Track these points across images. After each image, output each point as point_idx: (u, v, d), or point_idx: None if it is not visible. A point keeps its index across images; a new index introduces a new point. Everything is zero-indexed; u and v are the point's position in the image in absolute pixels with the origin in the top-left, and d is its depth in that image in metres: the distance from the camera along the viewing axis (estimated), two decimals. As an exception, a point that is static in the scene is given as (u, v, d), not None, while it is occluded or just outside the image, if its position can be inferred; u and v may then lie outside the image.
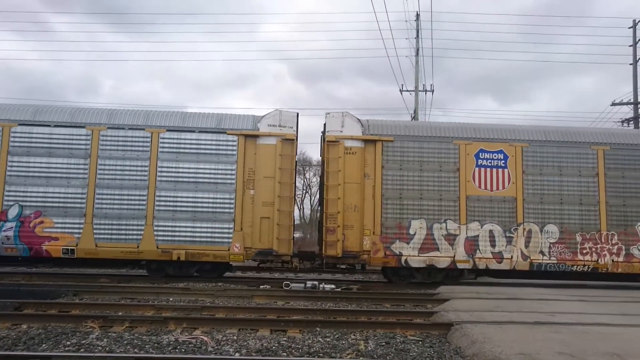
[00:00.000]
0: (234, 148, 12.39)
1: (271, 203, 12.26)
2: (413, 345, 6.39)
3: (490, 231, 12.44)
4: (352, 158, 12.50)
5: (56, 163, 12.13)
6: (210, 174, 12.29)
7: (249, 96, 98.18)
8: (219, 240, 12.15)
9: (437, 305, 9.29)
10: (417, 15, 26.04)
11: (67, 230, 12.02)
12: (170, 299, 9.86)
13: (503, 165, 12.65)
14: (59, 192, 12.06)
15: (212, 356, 5.62)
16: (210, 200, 12.23)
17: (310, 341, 6.46)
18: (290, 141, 12.48)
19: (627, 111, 27.39)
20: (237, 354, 5.81)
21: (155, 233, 12.08)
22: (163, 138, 12.33)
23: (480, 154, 12.67)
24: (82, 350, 5.84)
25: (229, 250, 12.11)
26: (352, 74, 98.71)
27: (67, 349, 5.87)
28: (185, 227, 12.14)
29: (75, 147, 12.24)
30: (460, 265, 12.38)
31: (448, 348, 6.32)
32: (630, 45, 26.83)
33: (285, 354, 5.89)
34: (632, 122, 26.88)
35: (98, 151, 12.22)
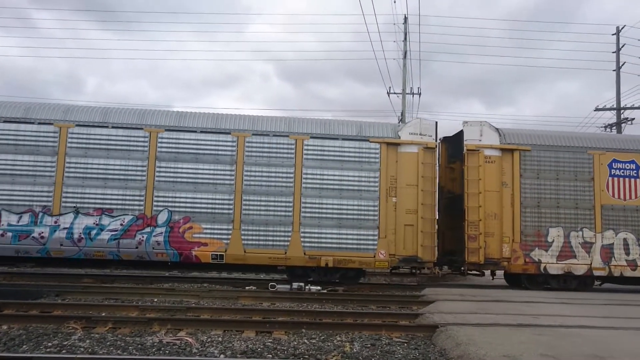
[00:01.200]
0: (377, 156, 12.46)
1: (414, 210, 12.32)
2: (398, 347, 6.40)
3: (624, 239, 12.75)
4: (491, 167, 12.77)
5: (203, 169, 12.15)
6: (354, 181, 12.35)
7: (236, 96, 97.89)
8: (364, 247, 12.20)
9: (423, 307, 9.33)
10: (405, 19, 26.14)
11: (215, 236, 12.02)
12: (155, 300, 9.77)
13: (635, 175, 13.00)
14: (207, 198, 12.08)
15: (197, 358, 5.58)
16: (355, 207, 12.29)
17: (295, 343, 6.44)
18: (432, 149, 12.67)
19: (611, 116, 27.85)
20: (222, 356, 5.77)
21: (302, 239, 12.12)
22: (307, 145, 12.39)
23: (614, 163, 13.00)
24: (64, 351, 5.75)
25: (374, 257, 12.17)
26: (340, 75, 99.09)
27: (48, 350, 5.79)
28: (331, 233, 12.20)
29: (222, 154, 12.24)
30: (596, 273, 12.66)
31: (433, 350, 6.34)
32: (613, 52, 27.25)
33: (270, 355, 5.86)
34: (614, 128, 27.32)
35: (244, 157, 12.24)
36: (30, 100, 13.77)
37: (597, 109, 27.86)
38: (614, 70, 27.15)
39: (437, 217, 12.81)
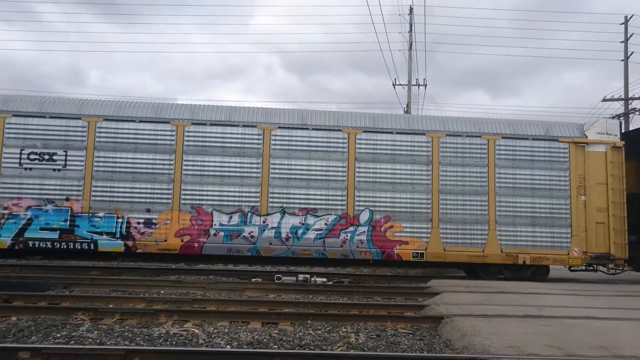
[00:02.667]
0: (566, 155, 12.75)
1: (604, 209, 12.60)
2: (403, 338, 6.43)
3: None
4: None
5: (400, 169, 12.50)
6: (544, 180, 12.67)
7: (239, 88, 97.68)
8: (558, 244, 12.51)
9: (428, 298, 9.35)
10: (411, 9, 26.02)
11: (415, 234, 12.35)
12: (162, 292, 9.85)
13: None
14: (405, 198, 12.41)
15: (204, 348, 5.62)
16: (547, 206, 12.60)
17: (301, 334, 6.48)
18: (619, 148, 12.87)
19: (618, 107, 27.63)
20: (228, 347, 5.82)
21: (498, 237, 12.43)
22: (499, 145, 12.69)
23: None
24: (72, 342, 5.82)
25: (568, 254, 12.48)
26: (345, 66, 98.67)
27: (57, 341, 5.85)
28: (526, 231, 12.52)
29: (418, 155, 12.57)
30: None
31: (438, 341, 6.36)
32: (621, 42, 26.99)
33: (276, 346, 5.90)
34: (622, 118, 27.10)
35: (439, 158, 12.54)
36: (32, 93, 13.82)
37: (604, 100, 27.66)
38: (622, 60, 26.93)
39: (624, 215, 12.86)
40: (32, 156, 11.88)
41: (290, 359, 5.22)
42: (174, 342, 5.95)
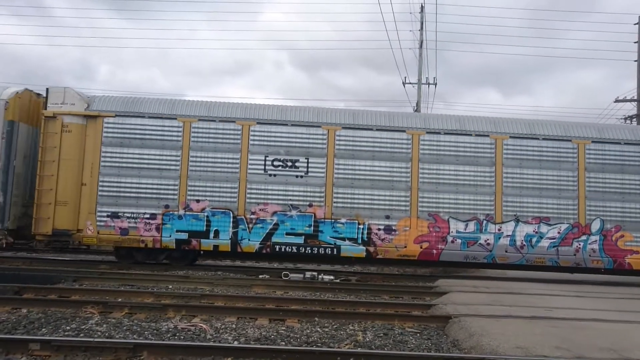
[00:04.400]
0: None
1: None
2: (411, 337, 6.42)
3: None
4: None
5: (630, 180, 12.60)
6: None
7: (247, 84, 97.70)
8: None
9: (435, 298, 9.33)
10: (422, 8, 25.95)
11: None
12: (170, 287, 9.89)
13: None
14: (636, 208, 12.53)
15: (211, 344, 5.65)
16: None
17: (308, 331, 6.50)
18: None
19: (631, 108, 27.33)
20: (235, 342, 5.84)
21: None
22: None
23: None
24: (81, 335, 5.88)
25: None
26: (354, 63, 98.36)
27: (66, 333, 5.92)
28: None
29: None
30: None
31: (446, 340, 6.35)
32: (635, 42, 26.69)
33: (283, 343, 5.92)
34: (635, 119, 26.83)
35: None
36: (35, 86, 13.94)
37: (616, 101, 27.36)
38: (635, 61, 26.62)
39: None
40: (275, 163, 12.32)
41: (297, 355, 5.24)
42: (182, 337, 5.99)
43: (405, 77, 26.50)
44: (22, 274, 10.07)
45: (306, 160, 12.27)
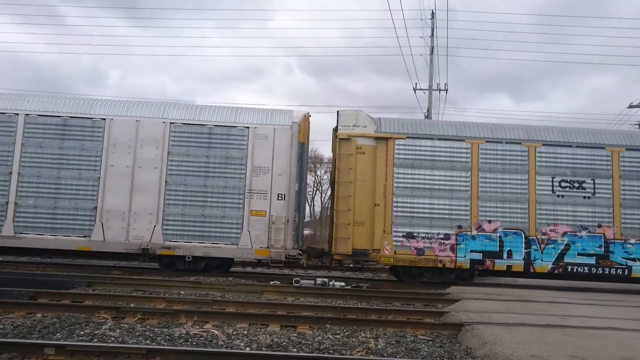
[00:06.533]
0: None
1: None
2: (423, 345, 6.38)
3: None
4: None
5: None
6: None
7: (257, 90, 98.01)
8: None
9: (448, 305, 9.27)
10: (433, 14, 25.91)
11: None
12: (182, 292, 9.94)
13: None
14: None
15: (224, 350, 5.66)
16: None
17: (320, 338, 6.49)
18: None
19: (644, 114, 27.07)
20: (247, 349, 5.85)
21: None
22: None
23: None
24: (95, 340, 5.92)
25: None
26: (364, 69, 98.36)
27: (80, 338, 5.96)
28: None
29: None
30: None
31: (459, 348, 6.30)
32: (648, 48, 26.45)
33: (295, 349, 5.91)
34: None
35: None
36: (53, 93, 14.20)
37: (630, 106, 27.15)
38: (648, 67, 26.38)
39: None
40: (562, 184, 12.67)
41: (309, 362, 5.23)
42: (194, 343, 6.00)
43: (416, 83, 26.42)
44: (36, 279, 10.19)
45: (592, 182, 12.62)
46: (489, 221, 12.41)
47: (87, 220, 12.23)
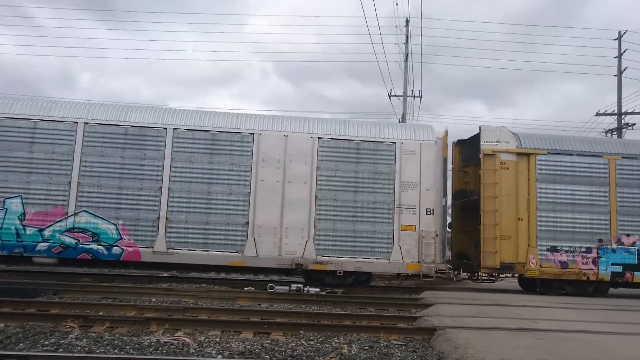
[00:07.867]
0: None
1: None
2: (396, 350, 6.37)
3: None
4: None
5: None
6: None
7: (234, 94, 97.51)
8: None
9: (421, 310, 9.30)
10: (407, 21, 26.16)
11: None
12: (153, 300, 9.74)
13: None
14: None
15: (194, 358, 5.55)
16: None
17: (293, 344, 6.42)
18: None
19: (611, 121, 27.83)
20: (219, 356, 5.75)
21: None
22: None
23: None
24: (60, 350, 5.73)
25: None
26: (341, 74, 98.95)
27: (45, 348, 5.76)
28: None
29: None
30: None
31: (431, 353, 6.31)
32: (615, 57, 27.26)
33: (268, 356, 5.83)
34: (615, 133, 27.30)
35: None
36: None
37: (597, 114, 27.86)
38: (615, 76, 27.16)
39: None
40: None
41: (282, 369, 5.16)
42: (165, 351, 5.87)
43: (390, 90, 26.57)
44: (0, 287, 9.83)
45: None
46: (628, 235, 12.79)
47: (239, 235, 12.03)
